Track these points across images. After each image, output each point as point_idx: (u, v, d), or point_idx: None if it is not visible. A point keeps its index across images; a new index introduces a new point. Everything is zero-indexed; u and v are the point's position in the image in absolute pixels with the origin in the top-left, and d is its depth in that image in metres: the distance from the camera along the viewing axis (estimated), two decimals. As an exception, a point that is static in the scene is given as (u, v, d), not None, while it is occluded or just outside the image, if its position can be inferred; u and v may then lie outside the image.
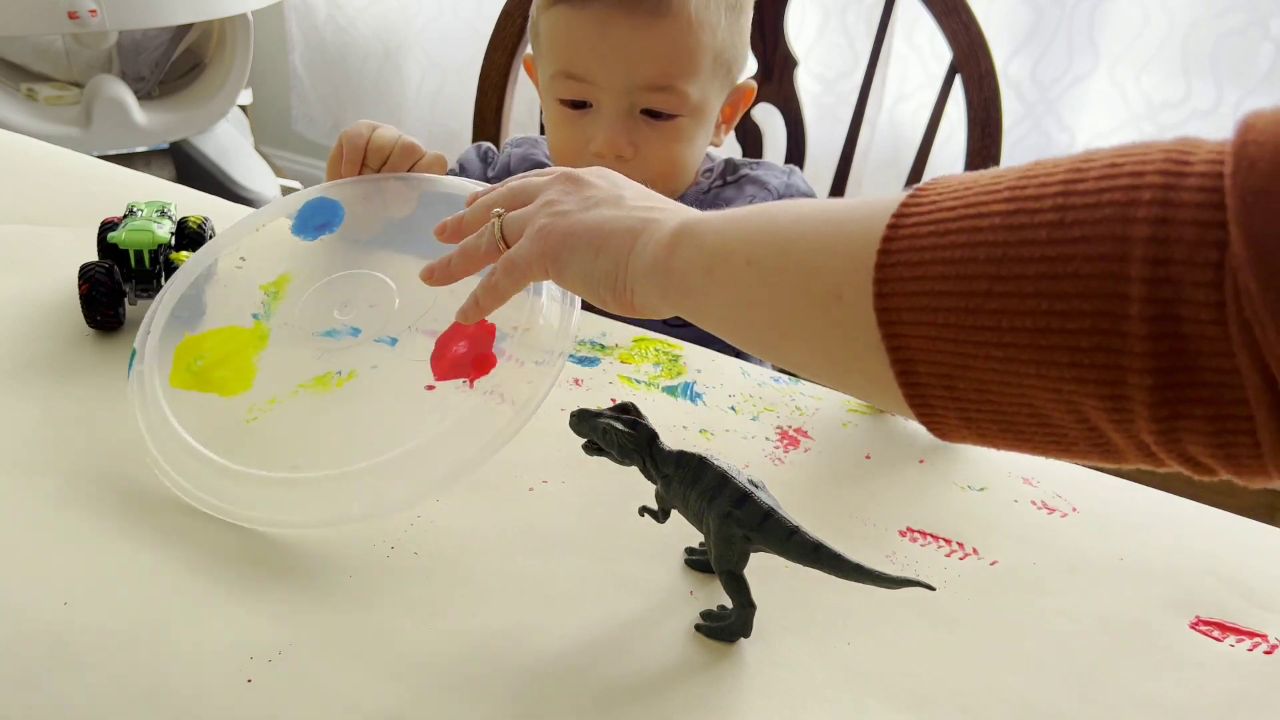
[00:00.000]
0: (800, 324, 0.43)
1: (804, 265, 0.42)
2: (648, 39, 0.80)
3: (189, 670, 0.47)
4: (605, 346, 0.76)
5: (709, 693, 0.48)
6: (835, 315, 0.40)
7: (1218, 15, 1.49)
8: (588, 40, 0.81)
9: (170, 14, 1.84)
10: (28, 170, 0.96)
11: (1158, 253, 0.31)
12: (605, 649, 0.50)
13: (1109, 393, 0.33)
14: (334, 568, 0.54)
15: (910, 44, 1.70)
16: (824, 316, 0.41)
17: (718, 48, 0.83)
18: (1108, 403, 0.33)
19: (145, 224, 0.74)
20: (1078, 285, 0.33)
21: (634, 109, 0.83)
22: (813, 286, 0.41)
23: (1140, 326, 0.32)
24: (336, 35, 2.31)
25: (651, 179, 0.85)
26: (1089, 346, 0.33)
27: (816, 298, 0.41)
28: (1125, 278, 0.32)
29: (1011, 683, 0.50)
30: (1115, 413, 0.33)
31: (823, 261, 0.41)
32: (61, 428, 0.62)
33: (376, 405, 0.63)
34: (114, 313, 0.71)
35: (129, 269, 0.73)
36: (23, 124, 1.81)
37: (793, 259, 0.42)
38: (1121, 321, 0.32)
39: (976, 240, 0.35)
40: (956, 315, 0.35)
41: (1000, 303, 0.34)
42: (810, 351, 0.44)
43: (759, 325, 0.46)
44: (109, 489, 0.59)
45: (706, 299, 0.47)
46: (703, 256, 0.47)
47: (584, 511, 0.59)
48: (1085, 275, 0.33)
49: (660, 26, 0.79)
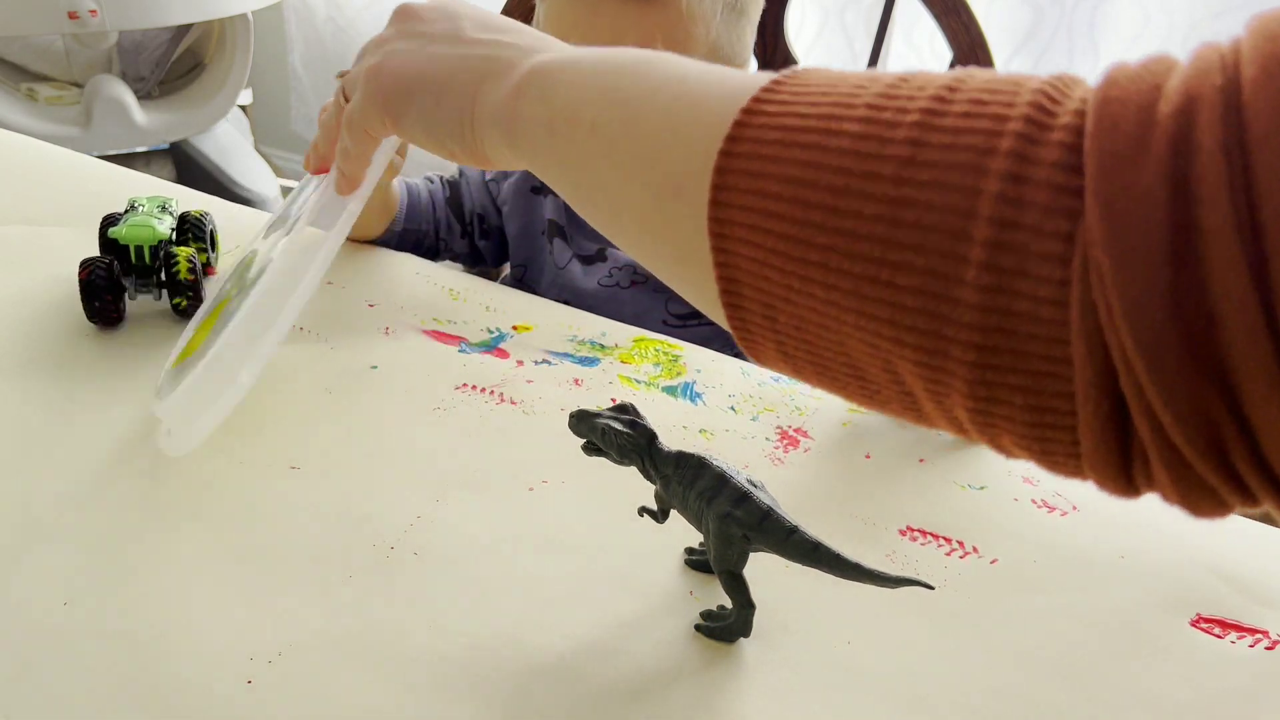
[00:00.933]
0: (637, 212, 0.39)
1: (649, 146, 0.37)
2: (637, 26, 0.79)
3: (189, 671, 0.47)
4: (605, 346, 0.76)
5: (708, 693, 0.48)
6: (671, 210, 0.36)
7: (1217, 15, 1.49)
8: (578, 27, 0.81)
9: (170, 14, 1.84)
10: (28, 170, 0.96)
11: (1005, 213, 0.27)
12: (604, 649, 0.50)
13: (927, 360, 0.30)
14: (334, 568, 0.54)
15: (910, 44, 1.70)
16: (660, 210, 0.37)
17: (712, 43, 0.82)
18: (924, 370, 0.30)
19: (146, 219, 0.74)
20: (914, 236, 0.29)
21: None
22: (653, 174, 0.37)
23: (973, 295, 0.28)
24: (336, 36, 2.31)
25: None
26: (914, 306, 0.29)
27: (655, 187, 0.37)
28: (967, 237, 0.28)
29: (1012, 681, 0.50)
30: (931, 382, 0.30)
31: (668, 146, 0.37)
32: (61, 427, 0.62)
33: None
34: (114, 305, 0.71)
35: (129, 264, 0.73)
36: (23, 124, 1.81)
37: (640, 135, 0.38)
38: (954, 285, 0.28)
39: (821, 161, 0.31)
40: (787, 244, 0.32)
41: (831, 239, 0.31)
42: (643, 243, 0.40)
43: (598, 204, 0.41)
44: (109, 489, 0.59)
45: (550, 159, 0.43)
46: (547, 110, 0.42)
47: (584, 511, 0.59)
48: (925, 227, 0.29)
49: (651, 14, 0.79)
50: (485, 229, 0.95)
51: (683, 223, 0.36)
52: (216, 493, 0.59)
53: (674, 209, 0.36)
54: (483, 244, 0.96)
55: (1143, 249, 0.25)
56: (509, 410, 0.67)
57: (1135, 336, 0.25)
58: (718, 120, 0.35)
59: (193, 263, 0.72)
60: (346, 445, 0.63)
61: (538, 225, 0.92)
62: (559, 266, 0.90)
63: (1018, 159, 0.28)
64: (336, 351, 0.72)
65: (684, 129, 0.36)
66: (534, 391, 0.69)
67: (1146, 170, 0.26)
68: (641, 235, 0.39)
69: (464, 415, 0.66)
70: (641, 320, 0.87)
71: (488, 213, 0.95)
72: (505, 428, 0.65)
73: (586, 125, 0.40)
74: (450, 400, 0.68)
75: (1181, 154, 0.25)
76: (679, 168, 0.36)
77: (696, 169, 0.35)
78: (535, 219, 0.92)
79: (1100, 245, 0.26)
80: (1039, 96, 0.29)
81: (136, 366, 0.68)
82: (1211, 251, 0.24)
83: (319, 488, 0.59)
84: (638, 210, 0.38)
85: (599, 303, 0.88)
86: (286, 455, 0.62)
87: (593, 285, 0.88)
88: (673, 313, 0.88)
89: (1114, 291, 0.26)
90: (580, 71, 0.42)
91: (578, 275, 0.89)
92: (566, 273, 0.90)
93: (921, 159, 0.29)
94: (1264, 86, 0.25)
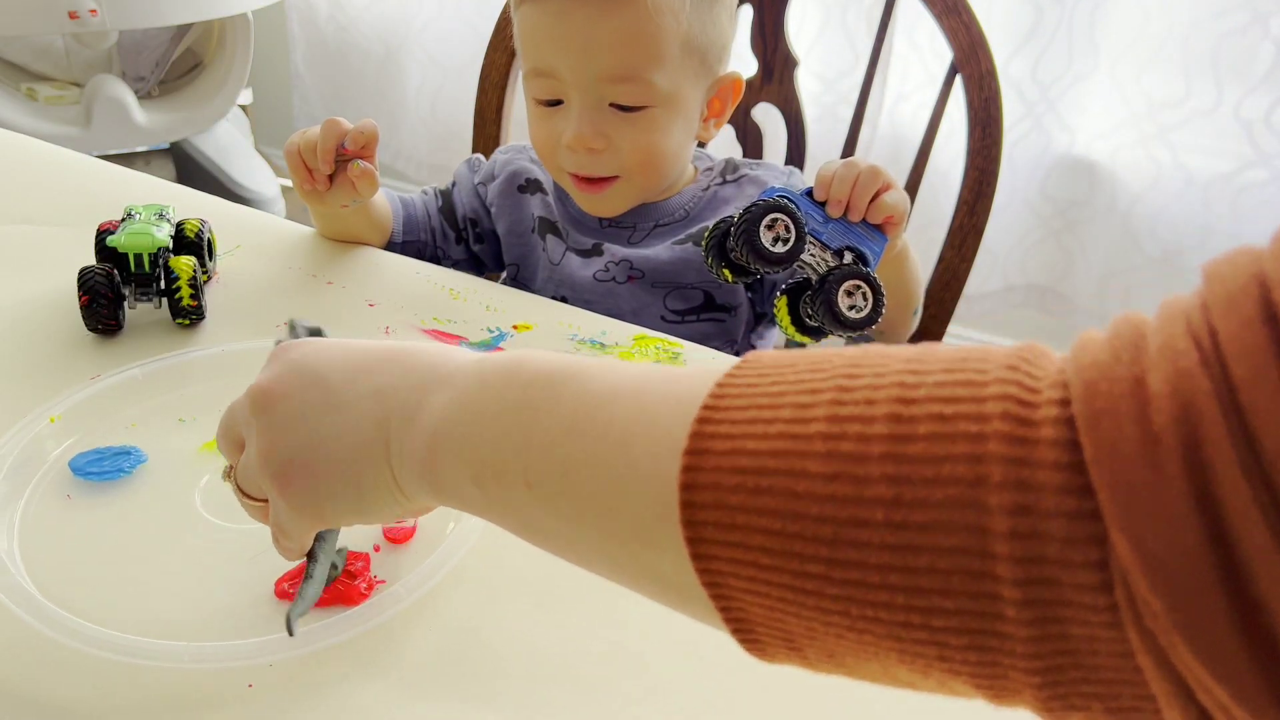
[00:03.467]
0: (603, 557, 0.35)
1: (596, 498, 0.34)
2: (606, 28, 0.79)
3: (190, 675, 0.47)
4: (605, 345, 0.76)
5: (707, 691, 0.48)
6: (646, 558, 0.33)
7: (1218, 15, 1.49)
8: (549, 34, 0.81)
9: (170, 14, 1.84)
10: (28, 170, 0.96)
11: (1025, 551, 0.26)
12: (603, 647, 0.50)
13: (989, 683, 0.28)
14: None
15: (910, 43, 1.70)
16: (633, 558, 0.34)
17: (685, 34, 0.81)
18: (988, 688, 0.28)
19: (144, 227, 0.74)
20: (935, 581, 0.27)
21: (602, 102, 0.82)
22: (612, 524, 0.34)
23: (1021, 630, 0.26)
24: (337, 35, 2.31)
25: (630, 170, 0.85)
26: (960, 644, 0.27)
27: (619, 537, 0.34)
28: (993, 577, 0.26)
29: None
30: (997, 693, 0.28)
31: (618, 497, 0.33)
32: (61, 428, 0.62)
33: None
34: (113, 314, 0.71)
35: (128, 272, 0.73)
36: (23, 124, 1.81)
37: (581, 486, 0.34)
38: (997, 623, 0.27)
39: (798, 511, 0.29)
40: (796, 594, 0.29)
41: (843, 589, 0.28)
42: (621, 580, 0.36)
43: (556, 548, 0.38)
44: (109, 490, 0.59)
45: (490, 512, 0.38)
46: (469, 469, 0.37)
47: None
48: (942, 571, 0.27)
49: (618, 14, 0.79)
50: (479, 233, 0.96)
51: (661, 567, 0.33)
52: (216, 492, 0.59)
53: (649, 557, 0.33)
54: (478, 248, 0.96)
55: (1193, 589, 0.24)
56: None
57: (1212, 671, 0.25)
58: (660, 465, 0.31)
59: (194, 285, 0.72)
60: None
61: (526, 223, 0.92)
62: (553, 262, 0.90)
63: (1015, 488, 0.26)
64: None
65: (627, 476, 0.33)
66: (534, 391, 0.69)
67: (1169, 501, 0.25)
68: (616, 575, 0.36)
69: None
70: (640, 315, 0.87)
71: (479, 217, 0.95)
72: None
73: (518, 480, 0.36)
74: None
75: (1198, 475, 0.24)
76: (638, 518, 0.33)
77: (659, 517, 0.31)
78: (523, 217, 0.93)
79: (1146, 586, 0.25)
80: (1006, 403, 0.27)
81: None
82: (1260, 571, 0.24)
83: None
84: (604, 556, 0.35)
85: (596, 296, 0.88)
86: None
87: (590, 279, 0.88)
88: (671, 308, 0.88)
89: (1176, 633, 0.25)
90: (484, 419, 0.37)
91: (574, 268, 0.89)
92: (562, 268, 0.90)
93: (909, 499, 0.27)
94: (1262, 394, 0.24)
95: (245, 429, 0.44)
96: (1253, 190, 1.55)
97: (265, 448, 0.42)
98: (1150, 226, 1.65)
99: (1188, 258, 1.63)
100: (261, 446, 0.42)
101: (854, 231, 0.70)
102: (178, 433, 0.63)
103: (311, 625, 0.48)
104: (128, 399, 0.65)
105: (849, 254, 0.70)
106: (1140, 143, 1.61)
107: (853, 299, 0.68)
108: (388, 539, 0.56)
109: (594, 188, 0.86)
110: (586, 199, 0.88)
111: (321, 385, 0.42)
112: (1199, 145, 1.58)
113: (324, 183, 0.80)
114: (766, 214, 0.66)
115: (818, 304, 0.68)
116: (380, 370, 0.41)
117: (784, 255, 0.66)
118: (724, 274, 0.70)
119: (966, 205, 1.04)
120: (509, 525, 0.38)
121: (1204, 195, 1.59)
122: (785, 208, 0.66)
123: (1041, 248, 1.76)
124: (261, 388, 0.43)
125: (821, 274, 0.69)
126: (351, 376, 0.42)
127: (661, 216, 0.90)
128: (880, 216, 0.71)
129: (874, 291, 0.69)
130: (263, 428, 0.42)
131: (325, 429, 0.41)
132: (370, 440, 0.40)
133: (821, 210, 0.70)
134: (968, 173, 1.05)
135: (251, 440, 0.43)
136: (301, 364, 0.43)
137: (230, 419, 0.45)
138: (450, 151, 2.25)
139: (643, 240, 0.90)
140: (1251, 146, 1.53)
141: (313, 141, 0.79)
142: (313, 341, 0.44)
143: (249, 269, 0.82)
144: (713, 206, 0.91)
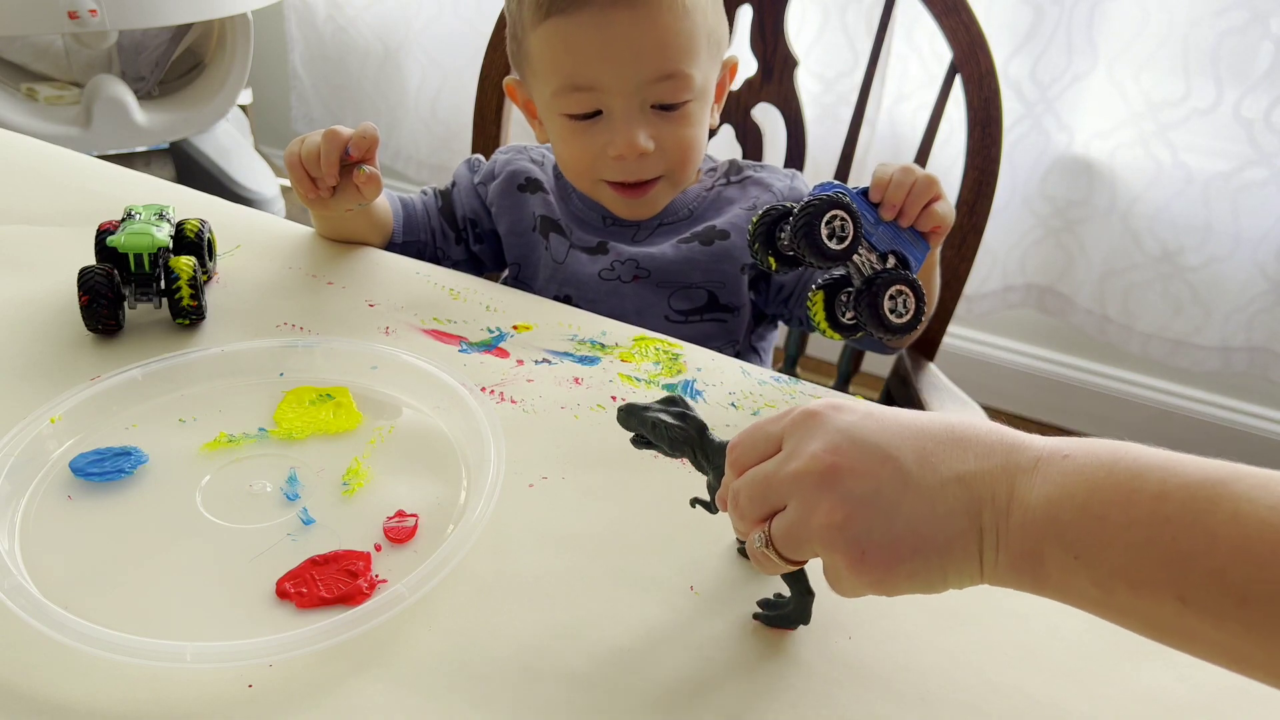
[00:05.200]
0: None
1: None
2: (650, 31, 0.80)
3: (190, 675, 0.47)
4: (605, 345, 0.76)
5: (708, 689, 0.48)
6: None
7: (1217, 14, 1.49)
8: (591, 45, 0.81)
9: (170, 14, 1.84)
10: (28, 170, 0.96)
11: None
12: (603, 646, 0.50)
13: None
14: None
15: (910, 43, 1.70)
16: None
17: (709, 26, 0.84)
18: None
19: (144, 227, 0.74)
20: None
21: (645, 105, 0.83)
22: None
23: None
24: (336, 35, 2.31)
25: (672, 167, 0.86)
26: None
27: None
28: None
29: (1012, 677, 0.50)
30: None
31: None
32: (62, 428, 0.62)
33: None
34: (113, 314, 0.71)
35: (128, 272, 0.73)
36: (23, 124, 1.81)
37: (1264, 609, 0.35)
38: None
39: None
40: None
41: None
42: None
43: (1227, 661, 0.38)
44: (110, 491, 0.59)
45: (1109, 611, 0.40)
46: (1087, 570, 0.38)
47: (583, 508, 0.59)
48: None
49: (659, 16, 0.80)
50: (478, 234, 0.96)
51: None
52: (216, 492, 0.59)
53: None
54: (478, 249, 0.96)
55: None
56: (509, 409, 0.67)
57: None
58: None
59: (194, 285, 0.72)
60: (347, 444, 0.63)
61: (527, 222, 0.93)
62: (557, 261, 0.90)
63: None
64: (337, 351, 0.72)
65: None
66: (534, 390, 0.69)
67: None
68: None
69: (464, 414, 0.66)
70: (643, 315, 0.87)
71: (479, 217, 0.95)
72: (505, 426, 0.65)
73: (1166, 594, 0.36)
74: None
75: None
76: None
77: None
78: (524, 216, 0.93)
79: None
80: None
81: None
82: None
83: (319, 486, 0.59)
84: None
85: (601, 295, 0.88)
86: (287, 456, 0.62)
87: (595, 276, 0.88)
88: (675, 308, 0.88)
89: None
90: (1109, 526, 0.38)
91: (579, 265, 0.89)
92: (566, 266, 0.90)
93: None
94: None
95: (793, 497, 0.44)
96: (1252, 189, 1.55)
97: (838, 521, 0.43)
98: (1150, 226, 1.65)
99: (1188, 257, 1.63)
100: (834, 520, 0.43)
101: (901, 237, 0.70)
102: (178, 433, 0.63)
103: (312, 625, 0.49)
104: (128, 399, 0.65)
105: (893, 258, 0.70)
106: (1140, 142, 1.61)
107: (895, 303, 0.68)
108: (388, 539, 0.56)
109: (638, 192, 0.87)
110: (628, 204, 0.89)
111: (893, 464, 0.43)
112: (1198, 144, 1.58)
113: (328, 192, 0.80)
114: (828, 209, 0.66)
115: (861, 305, 0.68)
116: (950, 453, 0.43)
117: (839, 253, 0.66)
118: (769, 261, 0.70)
119: (966, 205, 1.05)
120: (1138, 629, 0.39)
121: (1204, 194, 1.59)
122: (847, 205, 0.66)
123: (1041, 247, 1.76)
124: (826, 461, 0.43)
125: (867, 275, 0.69)
126: (921, 458, 0.43)
127: (666, 215, 0.91)
128: (929, 225, 0.71)
129: (917, 298, 0.69)
130: (835, 502, 0.43)
131: (907, 511, 0.42)
132: (963, 530, 0.41)
133: (874, 211, 0.70)
134: (967, 172, 1.05)
135: (811, 510, 0.43)
136: (860, 438, 0.44)
137: (765, 487, 0.45)
138: (450, 151, 2.25)
139: (647, 239, 0.90)
140: (1251, 145, 1.53)
141: (313, 150, 0.79)
142: (851, 408, 0.45)
143: (249, 269, 0.82)
144: (716, 207, 0.91)
